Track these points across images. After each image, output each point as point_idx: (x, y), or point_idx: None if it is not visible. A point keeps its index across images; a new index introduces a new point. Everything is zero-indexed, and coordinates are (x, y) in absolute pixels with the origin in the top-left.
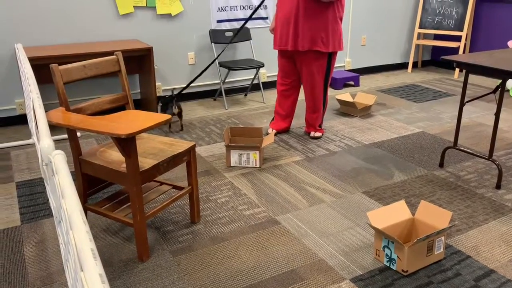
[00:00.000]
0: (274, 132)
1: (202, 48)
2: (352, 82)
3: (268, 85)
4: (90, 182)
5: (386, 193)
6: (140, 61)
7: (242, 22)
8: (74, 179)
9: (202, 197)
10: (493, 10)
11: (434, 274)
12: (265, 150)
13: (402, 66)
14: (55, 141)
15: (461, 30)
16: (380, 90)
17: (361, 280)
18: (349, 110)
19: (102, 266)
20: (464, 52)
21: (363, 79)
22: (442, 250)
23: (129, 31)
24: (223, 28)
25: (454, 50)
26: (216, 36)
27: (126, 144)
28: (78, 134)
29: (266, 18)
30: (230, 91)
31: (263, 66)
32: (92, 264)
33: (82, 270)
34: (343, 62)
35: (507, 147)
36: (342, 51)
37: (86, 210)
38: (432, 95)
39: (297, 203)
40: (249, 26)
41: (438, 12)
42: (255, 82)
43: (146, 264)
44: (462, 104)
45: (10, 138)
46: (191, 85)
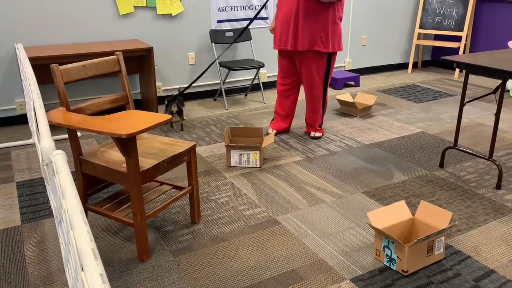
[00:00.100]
0: (274, 132)
1: (202, 48)
2: (352, 82)
3: (268, 85)
4: (91, 182)
5: (386, 193)
6: (140, 61)
7: (242, 22)
8: (75, 179)
9: (203, 197)
10: (493, 10)
11: (434, 274)
12: (265, 150)
13: (402, 66)
14: (56, 141)
15: (461, 30)
16: (380, 90)
17: (361, 280)
18: (349, 110)
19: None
20: (464, 52)
21: (363, 79)
22: (442, 250)
23: (129, 31)
24: (223, 28)
25: (454, 51)
26: (216, 36)
27: (127, 144)
28: (79, 134)
29: (266, 18)
30: (230, 91)
31: (263, 66)
32: (92, 264)
33: (82, 270)
34: (343, 62)
35: (507, 148)
36: (342, 51)
37: (87, 210)
38: (432, 96)
39: (297, 203)
40: (249, 26)
41: (438, 12)
42: (255, 82)
43: (146, 264)
44: (462, 104)
45: (11, 138)
46: (192, 85)
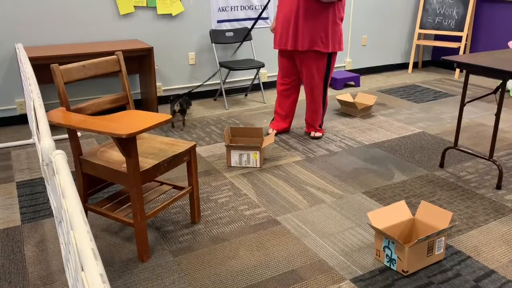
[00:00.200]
0: (274, 132)
1: (202, 48)
2: (352, 83)
3: (268, 85)
4: (91, 182)
5: (386, 193)
6: (140, 61)
7: (242, 22)
8: (75, 179)
9: (203, 197)
10: (493, 10)
11: (435, 274)
12: (265, 150)
13: (403, 66)
14: (56, 141)
15: (461, 30)
16: (380, 90)
17: (361, 280)
18: (349, 110)
19: (102, 266)
20: (464, 52)
21: (364, 80)
22: (442, 250)
23: (129, 31)
24: (224, 28)
25: (455, 51)
26: (216, 36)
27: (127, 144)
28: (79, 134)
29: (267, 18)
30: (230, 91)
31: (264, 66)
32: (92, 264)
33: (82, 270)
34: (344, 62)
35: (508, 148)
36: (343, 51)
37: (87, 210)
38: (432, 96)
39: (297, 203)
40: (249, 27)
41: (438, 12)
42: (256, 82)
43: (146, 264)
44: (463, 104)
45: (11, 138)
46: (192, 85)
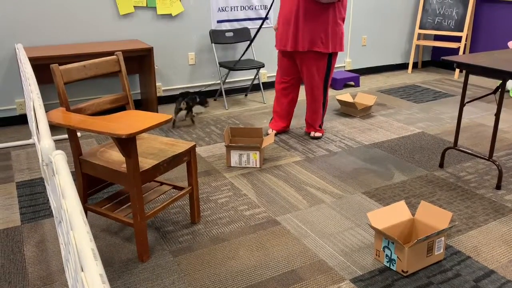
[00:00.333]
0: (274, 132)
1: (202, 48)
2: (352, 83)
3: (268, 85)
4: (90, 182)
5: (386, 193)
6: (140, 61)
7: (242, 22)
8: (74, 179)
9: (202, 197)
10: (493, 11)
11: (434, 274)
12: (265, 151)
13: (402, 66)
14: (56, 141)
15: (461, 30)
16: (380, 90)
17: (361, 280)
18: (349, 110)
19: (102, 266)
20: (464, 52)
21: (363, 80)
22: (442, 250)
23: (129, 31)
24: (223, 28)
25: (454, 51)
26: (216, 36)
27: (127, 144)
28: (79, 134)
29: (267, 18)
30: (230, 92)
31: (264, 66)
32: (92, 264)
33: (82, 270)
34: (343, 62)
35: (507, 148)
36: (343, 52)
37: (86, 210)
38: (432, 96)
39: (297, 204)
40: (249, 27)
41: (438, 12)
42: (256, 82)
43: (146, 264)
44: (462, 104)
45: (11, 138)
46: (192, 85)
